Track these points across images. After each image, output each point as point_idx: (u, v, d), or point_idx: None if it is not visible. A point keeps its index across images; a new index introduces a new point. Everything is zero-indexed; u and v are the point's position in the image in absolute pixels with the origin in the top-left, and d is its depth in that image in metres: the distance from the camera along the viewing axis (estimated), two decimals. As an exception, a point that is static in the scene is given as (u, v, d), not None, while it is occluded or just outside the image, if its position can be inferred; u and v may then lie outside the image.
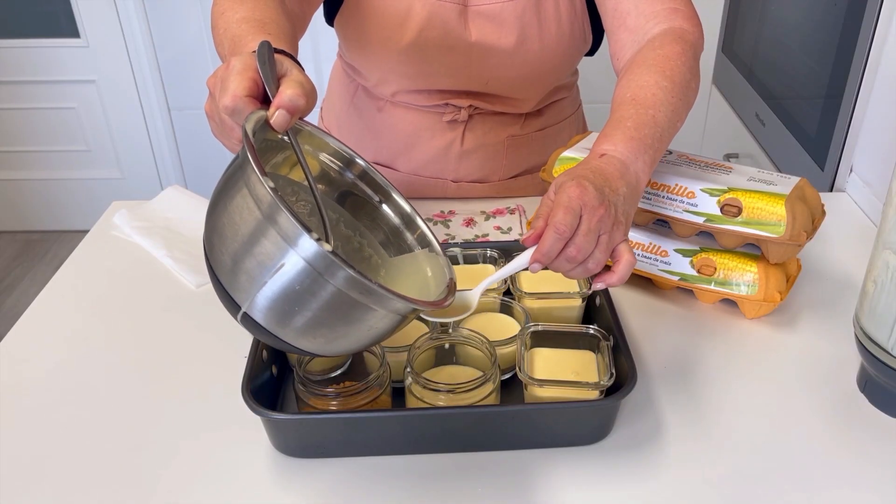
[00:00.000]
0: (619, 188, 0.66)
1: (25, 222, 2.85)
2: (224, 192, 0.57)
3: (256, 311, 0.55)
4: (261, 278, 0.54)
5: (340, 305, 0.54)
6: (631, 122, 0.71)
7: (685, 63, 0.77)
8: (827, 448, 0.70)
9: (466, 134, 1.07)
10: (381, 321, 0.57)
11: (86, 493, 0.66)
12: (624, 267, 0.65)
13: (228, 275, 0.56)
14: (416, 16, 0.94)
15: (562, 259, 0.64)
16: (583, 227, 0.62)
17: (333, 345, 0.59)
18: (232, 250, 0.55)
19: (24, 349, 0.84)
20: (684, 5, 0.85)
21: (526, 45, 0.97)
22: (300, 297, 0.54)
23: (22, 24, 2.50)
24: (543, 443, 0.70)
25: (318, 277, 0.53)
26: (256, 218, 0.53)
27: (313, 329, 0.56)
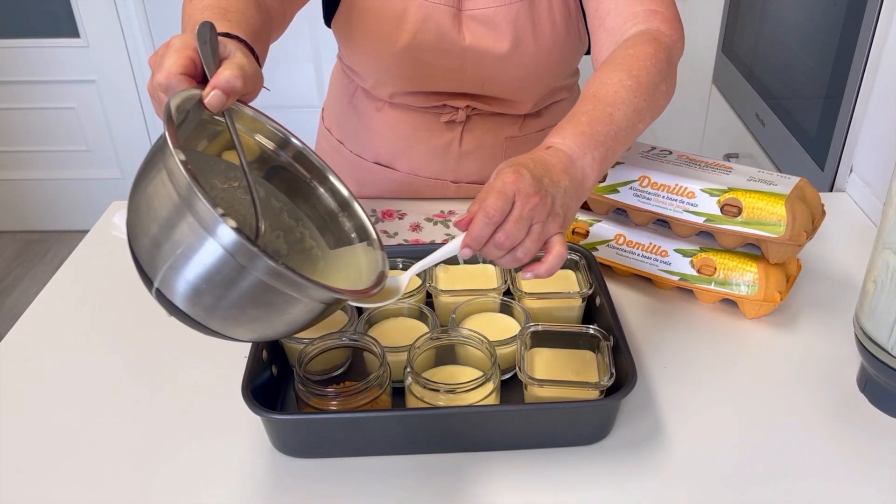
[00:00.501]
0: (560, 180, 0.64)
1: (25, 222, 2.85)
2: (145, 170, 0.56)
3: (169, 288, 0.55)
4: (173, 259, 0.53)
5: (253, 288, 0.53)
6: (585, 118, 0.70)
7: (655, 65, 0.75)
8: (827, 448, 0.70)
9: (465, 135, 1.07)
10: (299, 309, 0.56)
11: (86, 492, 0.66)
12: (554, 258, 0.63)
13: (143, 250, 0.55)
14: (411, 18, 0.94)
15: (491, 245, 0.62)
16: (514, 214, 0.61)
17: (247, 329, 0.57)
18: (147, 226, 0.54)
19: (24, 349, 0.84)
20: (665, 7, 0.83)
21: (520, 48, 0.97)
22: (213, 280, 0.53)
23: (22, 24, 2.50)
24: (543, 443, 0.70)
25: (233, 262, 0.52)
26: (172, 198, 0.53)
27: (224, 310, 0.55)
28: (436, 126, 1.06)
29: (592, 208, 0.93)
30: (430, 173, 1.10)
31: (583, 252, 0.87)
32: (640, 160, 0.88)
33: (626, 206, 0.88)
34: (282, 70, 2.47)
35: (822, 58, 1.27)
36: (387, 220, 1.06)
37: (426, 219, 1.07)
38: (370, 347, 0.72)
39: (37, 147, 2.71)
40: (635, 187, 0.87)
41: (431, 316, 0.78)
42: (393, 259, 0.86)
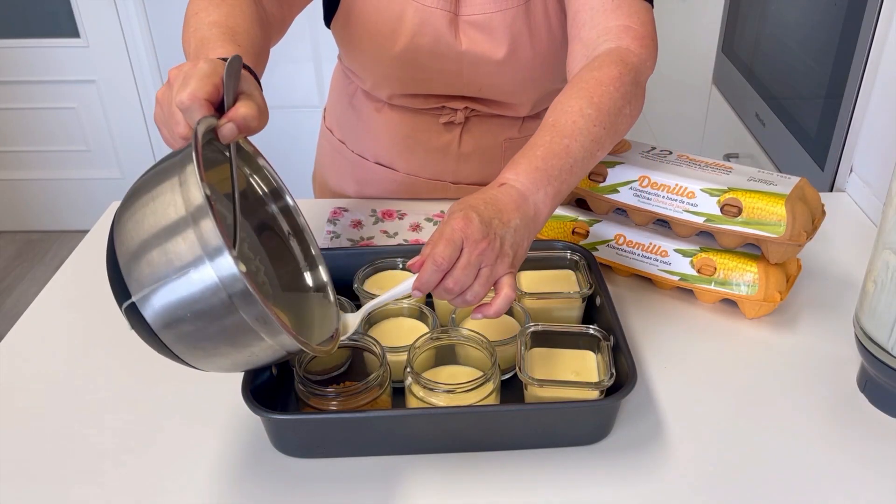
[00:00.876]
0: (510, 220, 0.66)
1: (25, 222, 2.85)
2: (154, 180, 0.55)
3: (147, 305, 0.54)
4: (164, 276, 0.53)
5: (234, 328, 0.54)
6: (541, 151, 0.70)
7: (619, 89, 0.75)
8: (827, 448, 0.70)
9: (464, 136, 1.07)
10: (264, 351, 0.56)
11: (85, 492, 0.66)
12: (501, 301, 0.65)
13: (129, 258, 0.54)
14: (409, 21, 0.94)
15: (440, 290, 0.64)
16: (462, 261, 0.62)
17: (208, 361, 0.57)
18: (141, 237, 0.54)
19: (24, 349, 0.84)
20: (640, 24, 0.82)
21: (517, 53, 0.97)
22: (197, 308, 0.53)
23: (22, 24, 2.50)
24: (543, 443, 0.70)
25: (223, 295, 0.52)
26: (180, 215, 0.53)
27: (196, 341, 0.55)
28: (435, 127, 1.06)
29: (592, 208, 0.93)
30: (430, 174, 1.10)
31: (583, 252, 0.87)
32: (640, 160, 0.88)
33: (626, 206, 0.88)
34: (282, 70, 2.47)
35: (822, 58, 1.27)
36: (387, 220, 1.06)
37: (426, 219, 1.07)
38: (370, 347, 0.72)
39: (37, 147, 2.71)
40: (635, 187, 0.87)
41: (431, 316, 0.78)
42: (393, 259, 0.86)
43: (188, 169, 0.53)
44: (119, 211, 0.57)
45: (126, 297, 0.54)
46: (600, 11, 0.82)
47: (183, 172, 0.54)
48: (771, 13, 1.55)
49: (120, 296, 0.55)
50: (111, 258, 0.56)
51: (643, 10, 0.83)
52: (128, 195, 0.57)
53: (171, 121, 0.61)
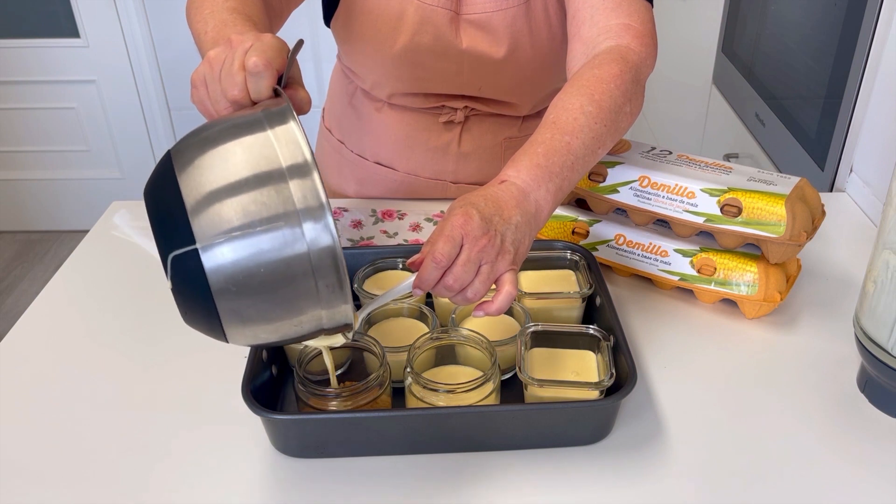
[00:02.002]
0: (511, 217, 0.65)
1: (25, 222, 2.85)
2: (234, 131, 0.53)
3: (213, 255, 0.50)
4: (245, 226, 0.50)
5: (301, 293, 0.52)
6: (542, 148, 0.70)
7: (619, 86, 0.75)
8: (827, 448, 0.70)
9: (464, 135, 1.07)
10: (309, 323, 0.55)
11: (85, 492, 0.66)
12: (503, 298, 0.64)
13: (201, 202, 0.50)
14: (409, 20, 0.94)
15: (440, 287, 0.63)
16: (462, 257, 0.62)
17: (245, 330, 0.55)
18: (221, 182, 0.51)
19: (24, 349, 0.84)
20: (639, 23, 0.82)
21: (518, 52, 0.97)
22: (273, 267, 0.50)
23: (22, 24, 2.50)
24: (543, 443, 0.70)
25: (306, 257, 0.50)
26: (275, 167, 0.50)
27: (254, 303, 0.52)
28: (434, 127, 1.06)
29: (592, 208, 0.93)
30: (430, 174, 1.10)
31: (583, 252, 0.87)
32: (640, 160, 0.88)
33: (626, 206, 0.88)
34: (282, 70, 2.47)
35: (822, 58, 1.27)
36: (387, 220, 1.06)
37: (426, 219, 1.07)
38: (370, 347, 0.72)
39: (37, 147, 2.71)
40: (635, 187, 0.87)
41: (431, 316, 0.78)
42: (393, 259, 0.86)
43: (289, 125, 0.52)
44: (185, 155, 0.53)
45: (183, 244, 0.50)
46: (600, 10, 0.82)
47: (279, 127, 0.52)
48: (771, 13, 1.55)
49: (174, 242, 0.51)
50: (164, 202, 0.52)
51: (643, 9, 0.83)
52: (196, 141, 0.54)
53: (228, 81, 0.60)
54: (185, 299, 0.53)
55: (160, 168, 0.55)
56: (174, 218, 0.51)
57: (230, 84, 0.60)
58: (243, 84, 0.60)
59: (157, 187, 0.54)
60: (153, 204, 0.54)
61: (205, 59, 0.63)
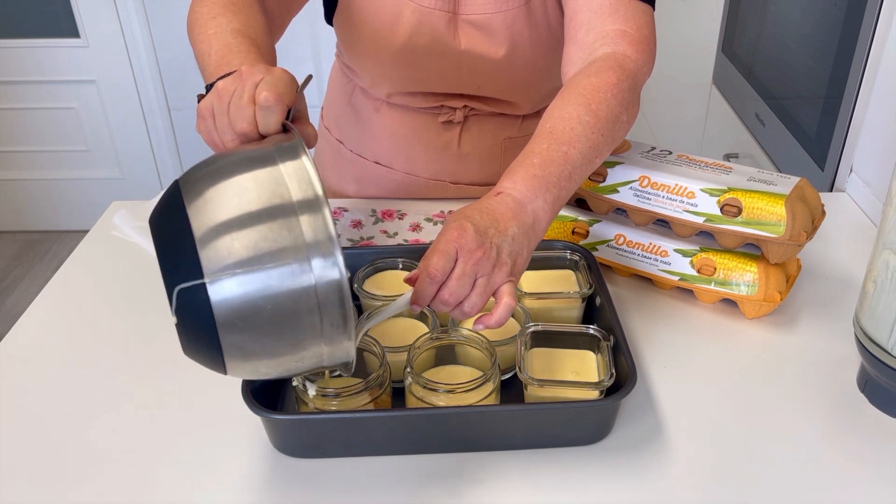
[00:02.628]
0: (507, 228, 0.65)
1: (25, 222, 2.85)
2: (245, 164, 0.53)
3: (221, 288, 0.50)
4: (253, 261, 0.49)
5: (306, 328, 0.52)
6: (538, 159, 0.70)
7: (616, 96, 0.75)
8: (827, 448, 0.70)
9: (463, 135, 1.07)
10: (311, 360, 0.55)
11: (85, 492, 0.66)
12: (502, 310, 0.64)
13: (210, 235, 0.50)
14: (406, 21, 0.94)
15: (437, 302, 0.63)
16: (457, 271, 0.62)
17: (247, 364, 0.55)
18: (232, 215, 0.50)
19: (24, 349, 0.84)
20: (636, 29, 0.81)
21: (517, 53, 0.96)
22: (280, 302, 0.51)
23: (22, 24, 2.50)
24: (543, 443, 0.70)
25: (312, 293, 0.50)
26: (287, 202, 0.50)
27: (258, 337, 0.52)
28: (434, 127, 1.06)
29: (592, 208, 0.93)
30: (430, 174, 1.10)
31: (583, 252, 0.87)
32: (640, 160, 0.88)
33: (626, 206, 0.88)
34: (282, 70, 2.47)
35: (822, 58, 1.27)
36: (387, 220, 1.06)
37: (426, 219, 1.07)
38: (370, 347, 0.72)
39: (37, 147, 2.71)
40: (635, 187, 0.87)
41: (431, 316, 0.78)
42: (393, 259, 0.86)
43: (301, 160, 0.52)
44: (195, 186, 0.53)
45: (191, 277, 0.50)
46: (598, 14, 0.82)
47: (291, 162, 0.53)
48: (771, 13, 1.55)
49: (181, 275, 0.51)
50: (172, 233, 0.52)
51: (641, 14, 0.82)
52: (206, 173, 0.54)
53: (237, 114, 0.60)
54: (188, 332, 0.53)
55: (168, 198, 0.55)
56: (182, 250, 0.51)
57: (239, 117, 0.60)
58: (252, 118, 0.60)
59: (164, 217, 0.54)
60: (160, 234, 0.54)
61: (213, 90, 0.63)
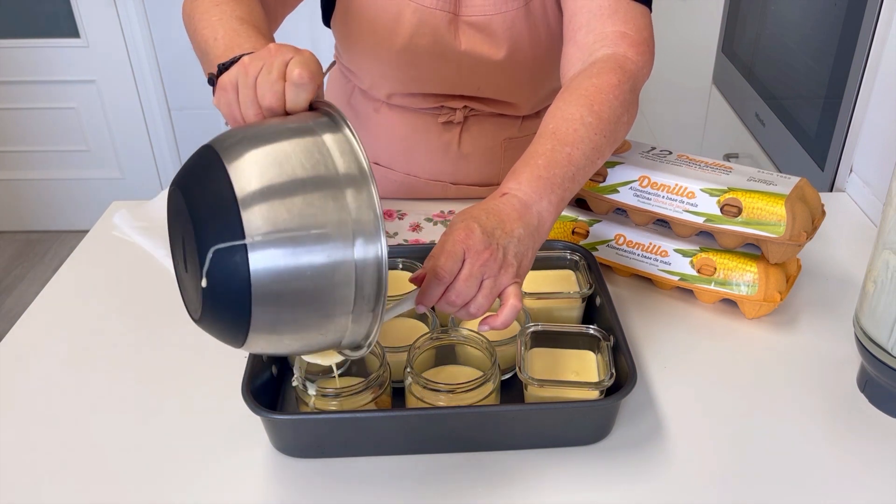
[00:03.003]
0: (513, 230, 0.65)
1: (25, 222, 2.85)
2: (288, 134, 0.53)
3: (262, 252, 0.48)
4: (299, 226, 0.49)
5: (336, 301, 0.51)
6: (543, 160, 0.70)
7: (618, 97, 0.75)
8: (827, 448, 0.70)
9: (463, 135, 1.07)
10: (332, 334, 0.55)
11: (85, 492, 0.66)
12: (508, 311, 0.63)
13: (256, 197, 0.49)
14: (407, 22, 0.94)
15: (443, 303, 0.63)
16: (464, 272, 0.62)
17: (269, 337, 0.54)
18: (278, 180, 0.49)
19: (24, 349, 0.84)
20: (636, 31, 0.81)
21: (517, 54, 0.96)
22: (320, 271, 0.50)
23: (22, 24, 2.50)
24: (543, 443, 0.70)
25: (351, 264, 0.50)
26: (332, 174, 0.50)
27: (292, 306, 0.51)
28: (434, 127, 1.06)
29: (592, 208, 0.93)
30: (430, 175, 1.10)
31: (583, 252, 0.87)
32: (640, 160, 0.88)
33: (626, 206, 0.88)
34: (282, 70, 2.47)
35: (822, 58, 1.27)
36: (387, 221, 1.06)
37: (426, 219, 1.07)
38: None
39: (37, 147, 2.71)
40: (635, 187, 0.87)
41: (431, 316, 0.78)
42: (393, 259, 0.86)
43: (346, 134, 0.52)
44: (235, 149, 0.52)
45: (230, 238, 0.48)
46: (597, 15, 0.82)
47: (336, 135, 0.53)
48: (771, 13, 1.55)
49: (219, 235, 0.49)
50: (209, 194, 0.50)
51: (640, 15, 0.83)
52: (247, 137, 0.53)
53: (265, 88, 0.60)
54: (216, 296, 0.51)
55: (200, 159, 0.53)
56: (221, 209, 0.49)
57: (268, 91, 0.60)
58: (282, 93, 0.60)
59: (199, 176, 0.52)
60: (193, 193, 0.52)
61: (239, 64, 0.63)
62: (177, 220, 0.55)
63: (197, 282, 0.51)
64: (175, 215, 0.56)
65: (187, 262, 0.54)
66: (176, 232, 0.56)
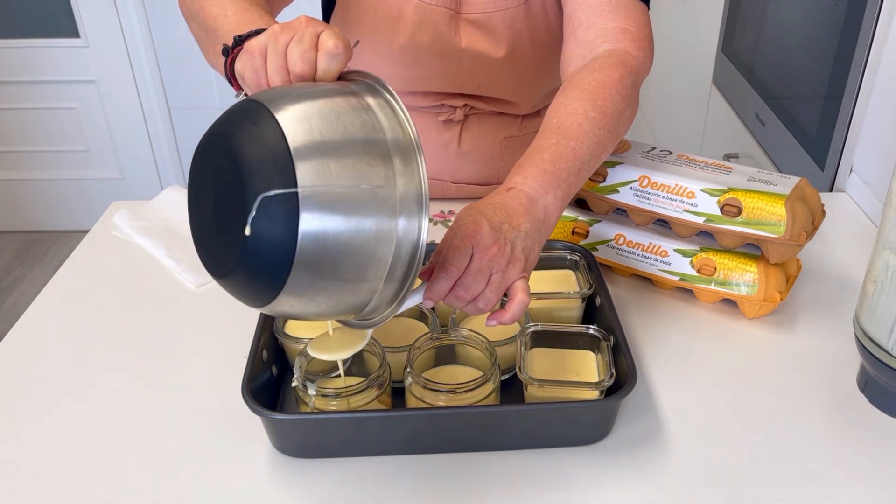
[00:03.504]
0: (520, 224, 0.65)
1: (25, 222, 2.85)
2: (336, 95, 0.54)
3: (313, 203, 0.48)
4: (350, 183, 0.49)
5: (375, 261, 0.51)
6: (548, 154, 0.70)
7: (620, 91, 0.75)
8: (827, 448, 0.70)
9: (463, 134, 1.07)
10: (362, 296, 0.54)
11: (85, 492, 0.66)
12: (516, 306, 0.63)
13: (311, 150, 0.49)
14: (408, 19, 0.94)
15: (451, 297, 0.63)
16: (472, 267, 0.62)
17: (302, 296, 0.53)
18: (331, 138, 0.50)
19: (24, 349, 0.84)
20: (636, 27, 0.82)
21: (517, 52, 0.97)
22: (365, 228, 0.50)
23: (22, 24, 2.50)
24: (543, 443, 0.70)
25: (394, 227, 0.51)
26: (380, 139, 0.51)
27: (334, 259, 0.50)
28: (434, 126, 1.06)
29: (592, 208, 0.93)
30: (430, 173, 1.10)
31: (583, 252, 0.87)
32: (640, 160, 0.88)
33: (626, 206, 0.88)
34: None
35: (822, 58, 1.27)
36: (387, 220, 1.06)
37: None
38: (370, 347, 0.72)
39: (37, 147, 2.71)
40: (635, 187, 0.87)
41: (431, 316, 0.78)
42: (393, 259, 0.86)
43: (387, 98, 0.54)
44: (284, 102, 0.52)
45: (281, 185, 0.48)
46: (597, 12, 0.82)
47: (377, 100, 0.54)
48: (771, 13, 1.55)
49: (270, 181, 0.48)
50: (258, 141, 0.50)
51: (640, 12, 0.83)
52: (296, 94, 0.53)
53: (297, 55, 0.59)
54: (258, 247, 0.49)
55: (244, 112, 0.53)
56: (274, 158, 0.49)
57: (299, 59, 0.59)
58: (314, 62, 0.60)
59: (245, 127, 0.51)
60: (237, 141, 0.50)
61: (269, 32, 0.62)
62: (208, 171, 0.54)
63: (232, 234, 0.49)
64: (205, 165, 0.54)
65: (219, 215, 0.53)
66: (204, 184, 0.55)
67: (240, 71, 0.64)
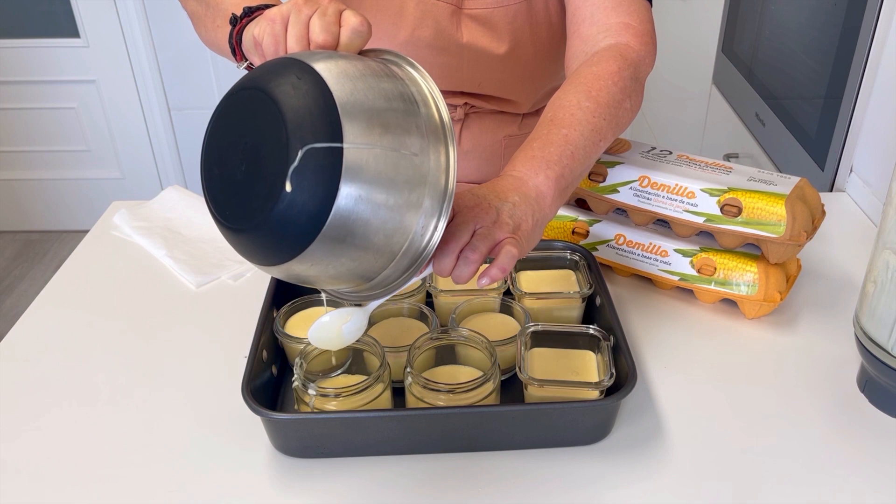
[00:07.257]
0: (508, 196, 0.65)
1: (25, 222, 2.86)
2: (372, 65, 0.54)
3: (355, 161, 0.47)
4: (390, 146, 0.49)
5: (402, 227, 0.52)
6: (538, 143, 0.70)
7: (617, 83, 0.75)
8: (827, 448, 0.70)
9: (463, 133, 1.07)
10: (383, 259, 0.54)
11: (85, 492, 0.66)
12: (504, 256, 0.61)
13: (356, 109, 0.49)
14: (410, 14, 0.94)
15: (439, 254, 0.61)
16: (456, 220, 0.62)
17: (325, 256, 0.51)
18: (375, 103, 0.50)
19: (24, 349, 0.84)
20: (639, 22, 0.83)
21: (518, 49, 0.97)
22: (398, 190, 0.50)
23: (22, 24, 2.50)
24: (543, 443, 0.70)
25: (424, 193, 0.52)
26: (414, 109, 0.52)
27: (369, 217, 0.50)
28: (434, 125, 1.06)
29: (592, 208, 0.93)
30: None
31: (583, 252, 0.87)
32: (640, 160, 0.88)
33: (626, 206, 0.89)
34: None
35: (822, 58, 1.27)
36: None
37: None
38: (370, 347, 0.72)
39: (37, 147, 2.71)
40: (635, 187, 0.87)
41: (431, 316, 0.78)
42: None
43: (429, 83, 0.56)
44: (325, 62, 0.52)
45: (327, 139, 0.47)
46: (600, 8, 0.83)
47: (401, 69, 0.56)
48: (771, 14, 1.55)
49: (316, 134, 0.47)
50: (304, 95, 0.49)
51: (643, 8, 0.84)
52: (334, 59, 0.53)
53: (320, 26, 0.59)
54: (298, 199, 0.48)
55: (285, 68, 0.52)
56: (320, 111, 0.48)
57: (322, 31, 0.59)
58: (337, 35, 0.60)
59: (287, 80, 0.51)
60: (279, 92, 0.49)
61: (292, 2, 0.62)
62: (238, 122, 0.53)
63: (262, 187, 0.48)
64: (234, 118, 0.53)
65: (248, 167, 0.51)
66: (230, 136, 0.54)
67: (256, 36, 0.63)
